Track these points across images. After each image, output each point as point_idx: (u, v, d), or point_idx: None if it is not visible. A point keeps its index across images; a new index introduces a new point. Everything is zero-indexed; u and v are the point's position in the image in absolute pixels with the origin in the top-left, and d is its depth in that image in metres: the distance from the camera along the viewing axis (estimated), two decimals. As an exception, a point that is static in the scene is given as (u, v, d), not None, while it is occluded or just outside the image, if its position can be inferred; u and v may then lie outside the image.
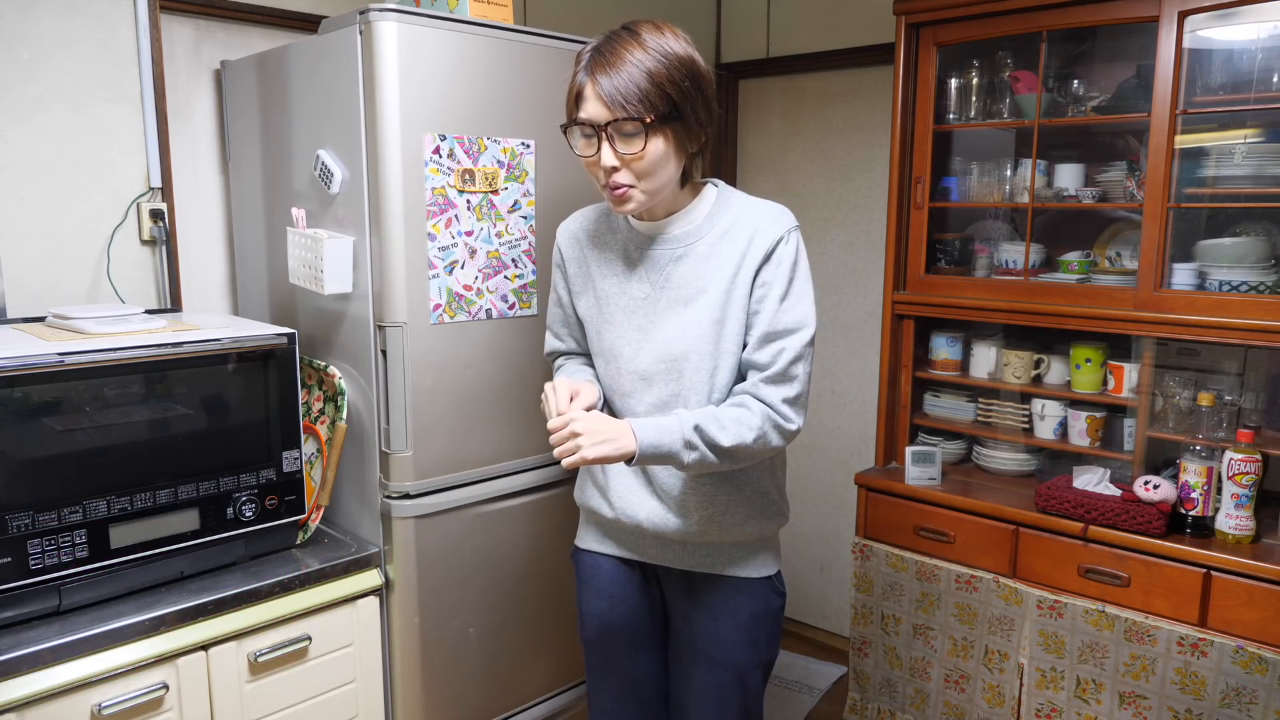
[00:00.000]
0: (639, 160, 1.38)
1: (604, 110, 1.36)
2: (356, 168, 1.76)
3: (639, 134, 1.36)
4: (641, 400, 1.51)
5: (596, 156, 1.40)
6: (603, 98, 1.35)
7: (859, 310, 3.05)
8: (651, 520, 1.53)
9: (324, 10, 2.22)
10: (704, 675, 1.57)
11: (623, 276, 1.54)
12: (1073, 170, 2.30)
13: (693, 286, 1.47)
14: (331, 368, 1.90)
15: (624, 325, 1.52)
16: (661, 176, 1.41)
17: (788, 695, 2.92)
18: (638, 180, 1.40)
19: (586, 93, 1.38)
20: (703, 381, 1.47)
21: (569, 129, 1.43)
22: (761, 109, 3.20)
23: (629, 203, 1.42)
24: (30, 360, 1.48)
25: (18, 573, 1.48)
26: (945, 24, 2.31)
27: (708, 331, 1.46)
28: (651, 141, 1.37)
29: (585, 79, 1.38)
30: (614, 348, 1.54)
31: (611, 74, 1.35)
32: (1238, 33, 2.01)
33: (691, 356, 1.47)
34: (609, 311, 1.55)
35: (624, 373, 1.52)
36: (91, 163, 1.97)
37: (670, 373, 1.48)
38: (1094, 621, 2.03)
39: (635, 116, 1.35)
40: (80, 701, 1.48)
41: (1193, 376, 2.14)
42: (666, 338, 1.48)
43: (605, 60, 1.36)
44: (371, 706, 1.87)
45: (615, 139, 1.37)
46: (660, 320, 1.49)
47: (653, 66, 1.35)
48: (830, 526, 3.21)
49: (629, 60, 1.35)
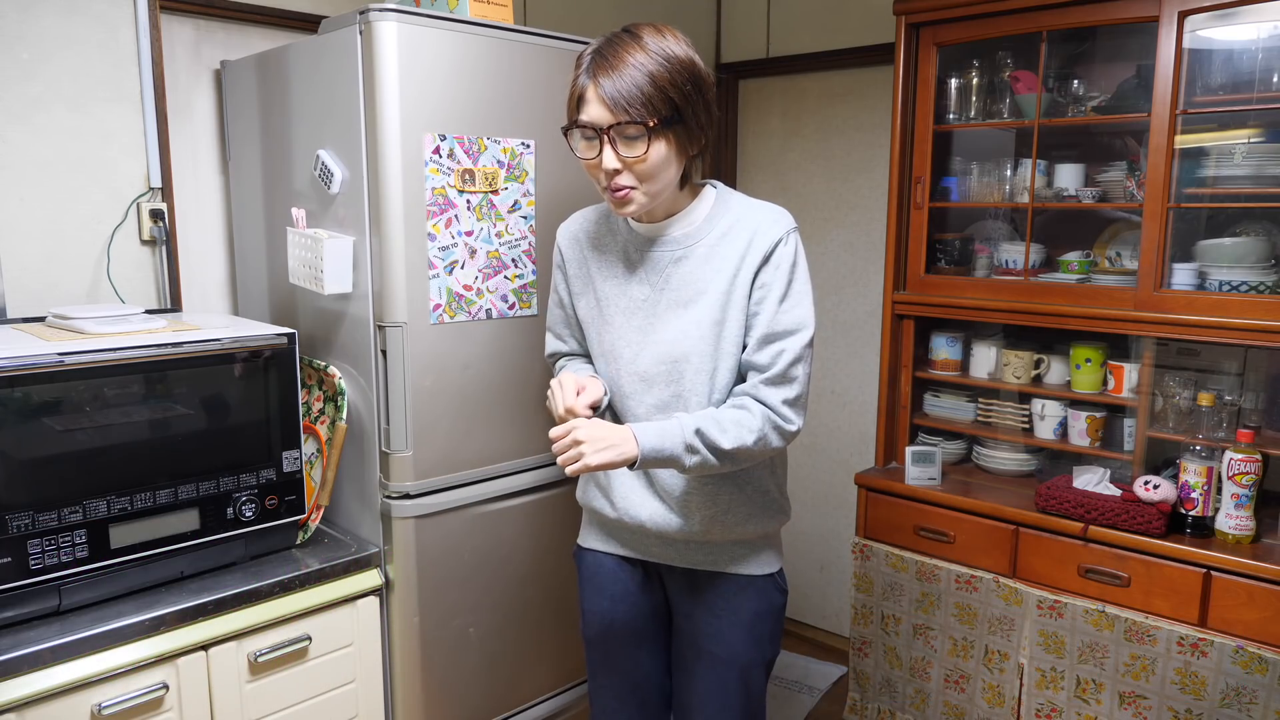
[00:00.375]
0: (641, 163, 1.38)
1: (606, 113, 1.36)
2: (356, 168, 1.76)
3: (641, 137, 1.36)
4: (641, 401, 1.52)
5: (598, 159, 1.40)
6: (605, 101, 1.35)
7: (859, 310, 3.05)
8: (654, 520, 1.53)
9: (324, 10, 2.22)
10: (706, 673, 1.57)
11: (623, 278, 1.54)
12: (1073, 170, 2.30)
13: (692, 288, 1.47)
14: (331, 368, 1.90)
15: (624, 327, 1.53)
16: (663, 179, 1.42)
17: (788, 695, 2.92)
18: (639, 183, 1.40)
19: (589, 95, 1.38)
20: (703, 383, 1.47)
21: (570, 131, 1.43)
22: (761, 109, 3.20)
23: (630, 205, 1.43)
24: (30, 360, 1.48)
25: (18, 573, 1.48)
26: (945, 24, 2.31)
27: (707, 333, 1.46)
28: (654, 145, 1.37)
29: (587, 82, 1.38)
30: (614, 349, 1.54)
31: (614, 77, 1.35)
32: (1238, 33, 2.01)
33: (692, 358, 1.47)
34: (609, 313, 1.55)
35: (624, 374, 1.53)
36: (91, 163, 1.97)
37: (671, 374, 1.48)
38: (1094, 621, 2.03)
39: (638, 120, 1.35)
40: (80, 701, 1.48)
41: (1193, 376, 2.14)
42: (667, 339, 1.48)
43: (607, 63, 1.36)
44: (371, 706, 1.87)
45: (617, 142, 1.37)
46: (660, 322, 1.49)
47: (655, 70, 1.35)
48: (830, 526, 3.21)
49: (631, 63, 1.35)
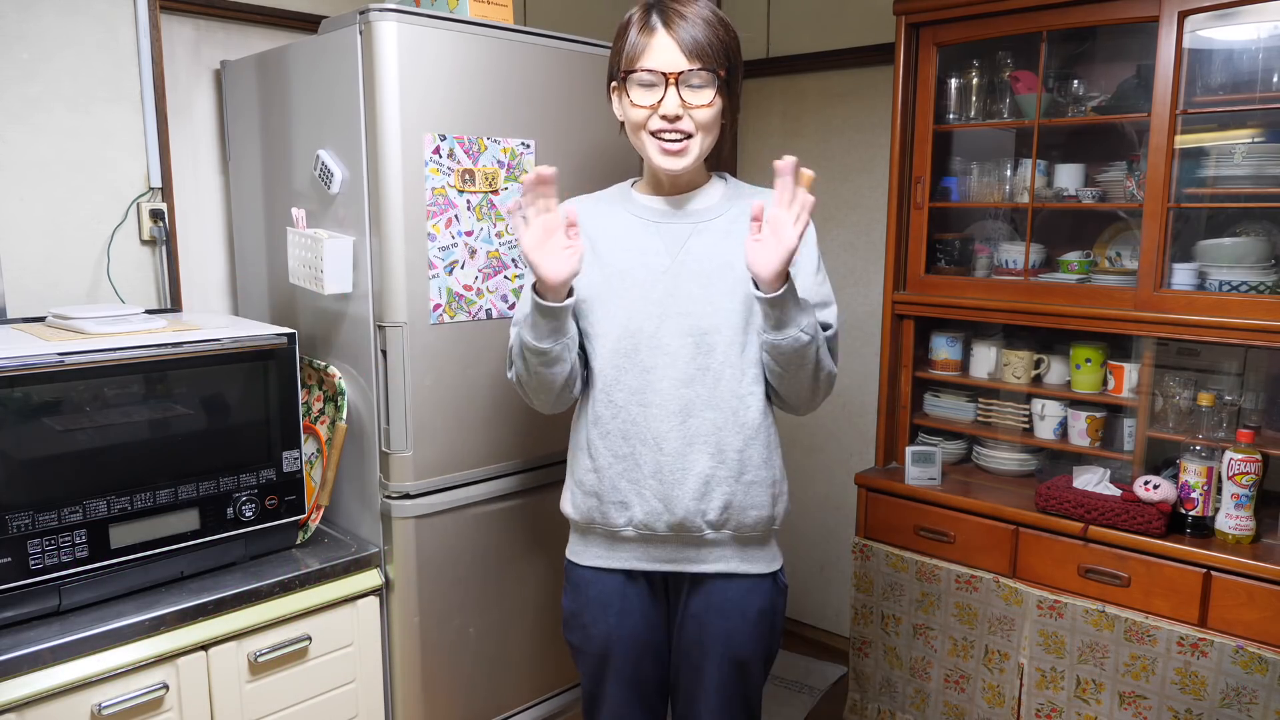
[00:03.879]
0: (706, 110, 1.43)
1: (681, 59, 1.40)
2: (356, 168, 1.76)
3: (709, 85, 1.42)
4: (665, 375, 1.48)
5: (656, 105, 1.42)
6: (681, 47, 1.40)
7: (859, 310, 3.05)
8: (664, 517, 1.51)
9: (324, 10, 2.22)
10: (713, 671, 1.57)
11: (638, 250, 1.52)
12: (1073, 170, 2.30)
13: (716, 259, 1.49)
14: (331, 368, 1.90)
15: (641, 299, 1.50)
16: (712, 135, 1.47)
17: (788, 695, 2.92)
18: (697, 131, 1.44)
19: (658, 43, 1.41)
20: (734, 357, 1.48)
21: (625, 82, 1.45)
22: (761, 109, 3.20)
23: (685, 156, 1.45)
24: (30, 360, 1.48)
25: (18, 573, 1.48)
26: (945, 24, 2.31)
27: (739, 307, 1.47)
28: (717, 95, 1.43)
29: (660, 27, 1.42)
30: (629, 322, 1.50)
31: (688, 25, 1.40)
32: (1238, 33, 2.01)
33: (724, 330, 1.47)
34: (623, 285, 1.51)
35: (643, 348, 1.49)
36: (91, 163, 1.97)
37: (699, 346, 1.48)
38: (1094, 621, 2.03)
39: (710, 68, 1.40)
40: (80, 701, 1.48)
41: (1193, 376, 2.14)
42: (693, 310, 1.48)
43: (679, 13, 1.42)
44: (371, 706, 1.87)
45: (681, 89, 1.41)
46: (683, 293, 1.49)
47: (719, 27, 1.43)
48: (830, 526, 3.21)
49: (701, 16, 1.42)
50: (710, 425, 1.49)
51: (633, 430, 1.50)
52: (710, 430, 1.49)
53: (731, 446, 1.49)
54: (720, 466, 1.50)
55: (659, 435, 1.49)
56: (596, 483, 1.54)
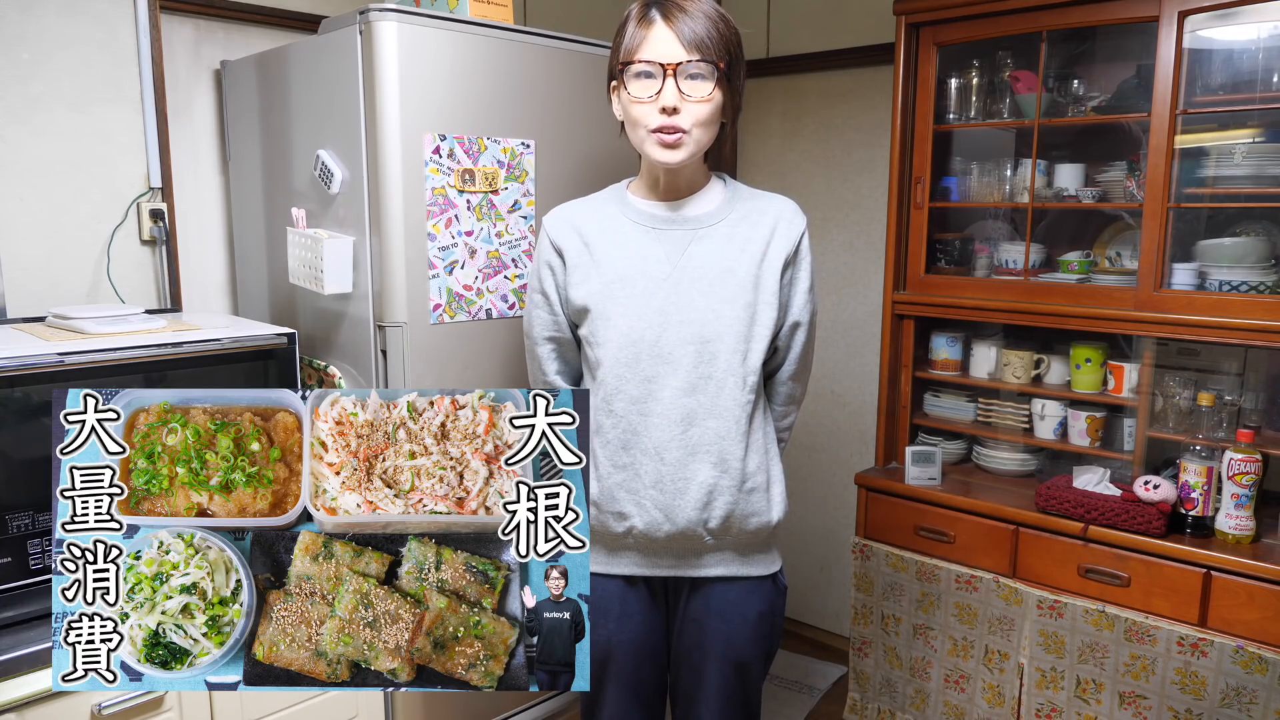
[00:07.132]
0: (705, 104, 1.41)
1: (680, 50, 1.39)
2: (356, 168, 1.76)
3: (708, 77, 1.41)
4: (666, 384, 1.46)
5: (654, 98, 1.41)
6: (680, 39, 1.39)
7: (859, 310, 3.05)
8: (664, 527, 1.50)
9: (324, 10, 2.22)
10: (714, 674, 1.57)
11: (638, 256, 1.50)
12: (1073, 170, 2.30)
13: (717, 265, 1.48)
14: (331, 368, 1.90)
15: (643, 306, 1.47)
16: (710, 131, 1.46)
17: (788, 695, 2.92)
18: (694, 125, 1.43)
19: (657, 34, 1.40)
20: (737, 365, 1.47)
21: (623, 75, 1.44)
22: (761, 109, 3.20)
23: (680, 150, 1.43)
24: (30, 360, 1.48)
25: (18, 573, 1.48)
26: (945, 24, 2.31)
27: (741, 314, 1.46)
28: (716, 89, 1.42)
29: (658, 19, 1.41)
30: (630, 330, 1.47)
31: (687, 17, 1.40)
32: (1238, 33, 2.01)
33: (726, 338, 1.46)
34: (624, 293, 1.48)
35: (644, 357, 1.47)
36: (91, 163, 1.97)
37: (701, 354, 1.46)
38: (1094, 621, 2.03)
39: (709, 59, 1.39)
40: (80, 701, 1.47)
41: (1193, 376, 2.14)
42: (695, 319, 1.46)
43: (679, 6, 1.41)
44: (372, 706, 1.87)
45: (680, 80, 1.40)
46: (684, 300, 1.47)
47: (718, 20, 1.42)
48: (830, 526, 3.21)
49: (701, 10, 1.41)
50: (713, 434, 1.47)
51: (633, 440, 1.48)
52: (713, 439, 1.47)
53: (734, 455, 1.48)
54: (723, 476, 1.48)
55: (660, 445, 1.47)
56: (596, 492, 1.53)
